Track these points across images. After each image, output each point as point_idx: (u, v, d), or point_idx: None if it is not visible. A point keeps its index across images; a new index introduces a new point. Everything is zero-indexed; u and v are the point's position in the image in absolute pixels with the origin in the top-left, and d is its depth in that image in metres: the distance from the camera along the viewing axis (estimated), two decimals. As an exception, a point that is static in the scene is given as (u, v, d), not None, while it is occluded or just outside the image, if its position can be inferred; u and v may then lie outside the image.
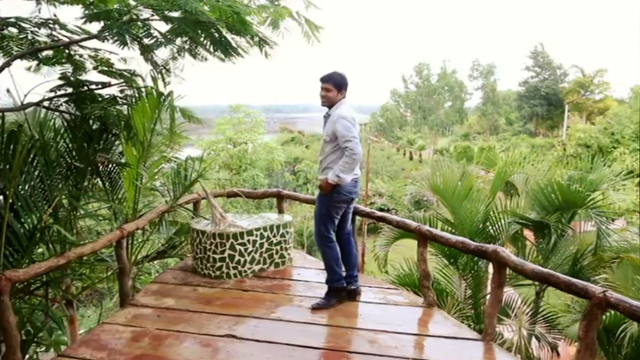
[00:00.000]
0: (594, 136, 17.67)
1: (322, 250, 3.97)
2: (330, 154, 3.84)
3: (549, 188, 5.55)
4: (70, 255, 3.29)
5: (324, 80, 3.82)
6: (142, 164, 4.48)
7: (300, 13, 5.11)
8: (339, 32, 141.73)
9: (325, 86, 3.81)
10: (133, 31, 4.00)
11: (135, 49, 4.11)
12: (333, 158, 3.81)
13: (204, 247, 4.61)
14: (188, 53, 4.76)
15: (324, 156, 3.88)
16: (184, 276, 4.70)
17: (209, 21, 3.99)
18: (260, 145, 22.10)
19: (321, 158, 3.92)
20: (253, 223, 4.82)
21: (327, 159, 3.86)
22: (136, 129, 4.36)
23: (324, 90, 3.82)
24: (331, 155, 3.83)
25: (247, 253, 4.61)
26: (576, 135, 18.68)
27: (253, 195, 6.27)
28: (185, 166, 5.04)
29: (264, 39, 4.47)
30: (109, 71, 4.43)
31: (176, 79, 4.89)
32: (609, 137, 17.89)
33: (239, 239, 4.56)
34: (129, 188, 4.48)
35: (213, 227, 4.67)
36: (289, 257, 4.95)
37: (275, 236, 4.80)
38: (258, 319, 3.69)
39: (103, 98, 4.42)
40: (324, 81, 3.82)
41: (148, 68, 4.38)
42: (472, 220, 6.15)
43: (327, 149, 3.85)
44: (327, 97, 3.82)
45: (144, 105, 4.27)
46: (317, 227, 3.97)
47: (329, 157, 3.84)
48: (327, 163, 3.86)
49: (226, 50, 4.47)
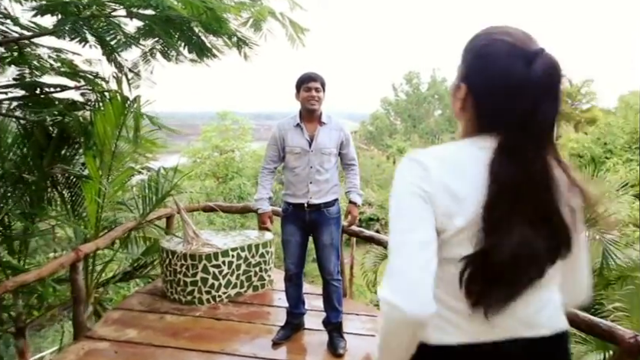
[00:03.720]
0: (587, 146, 17.46)
1: (339, 283, 3.29)
2: (333, 170, 3.18)
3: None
4: (7, 285, 2.81)
5: (316, 78, 3.06)
6: (106, 176, 4.03)
7: (285, 14, 4.73)
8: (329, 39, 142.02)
9: (318, 86, 3.06)
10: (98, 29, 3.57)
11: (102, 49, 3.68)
12: (335, 175, 3.22)
13: (174, 269, 4.14)
14: (160, 54, 4.34)
15: (330, 174, 3.15)
16: (151, 301, 4.22)
17: (180, 18, 3.57)
18: (248, 153, 21.66)
19: (327, 177, 3.14)
20: (230, 242, 4.37)
21: (333, 178, 3.19)
22: (99, 138, 3.90)
23: (317, 90, 3.06)
24: (334, 172, 3.20)
25: (222, 276, 4.15)
26: (569, 146, 18.47)
27: (232, 210, 5.74)
28: (156, 179, 4.59)
29: (243, 39, 4.07)
30: (68, 72, 3.98)
31: (147, 83, 4.47)
32: (602, 147, 17.70)
33: (213, 260, 4.10)
34: (91, 203, 4.01)
35: (185, 246, 4.21)
36: (270, 279, 4.50)
37: (254, 256, 4.36)
38: (230, 355, 3.23)
39: (61, 102, 3.96)
40: (316, 80, 3.06)
41: (117, 70, 3.92)
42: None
43: (329, 165, 3.14)
44: (320, 100, 3.09)
45: (108, 110, 3.82)
46: (336, 260, 3.25)
47: (334, 174, 3.20)
48: (334, 182, 3.20)
49: (200, 50, 4.06)
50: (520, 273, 0.96)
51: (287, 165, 3.23)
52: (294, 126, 3.15)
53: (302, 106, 3.12)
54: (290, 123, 3.17)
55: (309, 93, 3.05)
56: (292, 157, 3.15)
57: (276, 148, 3.23)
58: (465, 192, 0.95)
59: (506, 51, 0.97)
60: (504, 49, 0.97)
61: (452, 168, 0.98)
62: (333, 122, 3.17)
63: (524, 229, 0.93)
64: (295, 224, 3.21)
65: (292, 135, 3.15)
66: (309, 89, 3.06)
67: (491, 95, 0.99)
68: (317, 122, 3.14)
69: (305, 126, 3.14)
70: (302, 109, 3.14)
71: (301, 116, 3.15)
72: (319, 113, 3.13)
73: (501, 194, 0.93)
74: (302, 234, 3.24)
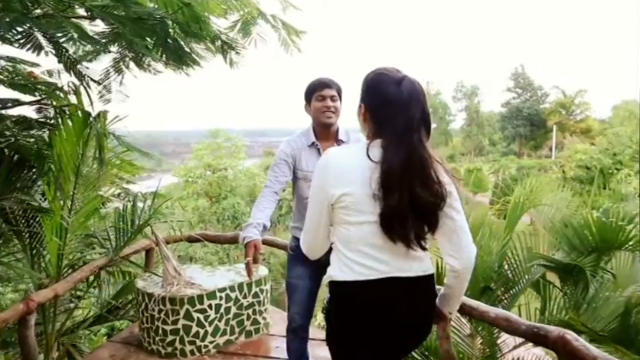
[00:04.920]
0: (596, 157, 16.85)
1: None
2: None
3: (583, 223, 4.57)
4: None
5: (331, 84, 2.44)
6: (68, 207, 3.39)
7: (277, 16, 4.17)
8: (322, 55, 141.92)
9: (334, 93, 2.45)
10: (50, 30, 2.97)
11: (57, 55, 3.08)
12: None
13: (152, 316, 3.48)
14: (133, 62, 3.74)
15: None
16: (125, 353, 3.55)
17: (152, 17, 2.98)
18: (241, 171, 21.00)
19: None
20: (218, 279, 3.72)
21: None
22: (58, 161, 3.27)
23: (334, 99, 2.45)
24: None
25: (208, 323, 3.49)
26: (577, 157, 17.86)
27: (220, 240, 5.00)
28: (132, 209, 3.95)
29: (228, 42, 3.48)
30: (23, 85, 3.35)
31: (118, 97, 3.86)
32: (611, 158, 17.10)
33: (197, 304, 3.44)
34: (50, 240, 3.36)
35: (164, 287, 3.56)
36: (265, 323, 3.84)
37: (246, 296, 3.70)
38: None
39: (14, 120, 3.33)
40: (331, 86, 2.44)
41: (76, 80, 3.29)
42: (485, 261, 5.14)
43: None
44: (338, 111, 2.49)
45: (67, 128, 3.20)
46: None
47: None
48: None
49: (178, 57, 3.46)
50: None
51: (298, 192, 2.57)
52: (308, 145, 2.51)
53: (315, 120, 2.49)
54: (303, 142, 2.53)
55: (323, 103, 2.42)
56: (305, 184, 2.48)
57: (287, 166, 2.51)
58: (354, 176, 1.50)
59: (385, 80, 1.54)
60: (383, 79, 1.55)
61: (346, 162, 1.54)
62: (352, 140, 2.53)
63: (409, 191, 1.44)
64: (305, 265, 2.50)
65: (306, 156, 2.50)
66: (323, 97, 2.42)
67: (378, 109, 1.54)
68: (333, 140, 2.51)
69: (321, 145, 2.49)
70: (314, 124, 2.51)
71: (315, 133, 2.51)
72: (336, 128, 2.50)
73: (390, 172, 1.43)
74: (314, 278, 2.55)
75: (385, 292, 1.52)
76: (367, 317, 1.54)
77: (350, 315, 1.56)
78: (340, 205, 1.50)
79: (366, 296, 1.53)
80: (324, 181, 1.53)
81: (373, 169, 1.45)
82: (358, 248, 1.52)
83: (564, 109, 49.41)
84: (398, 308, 1.54)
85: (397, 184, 1.42)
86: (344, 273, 1.53)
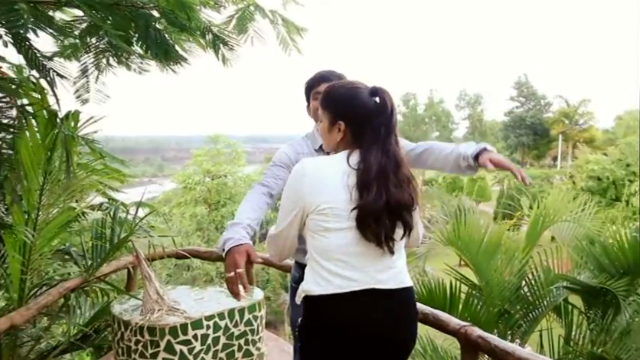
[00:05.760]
0: (609, 168, 16.29)
1: None
2: None
3: (612, 242, 4.14)
4: None
5: (330, 77, 2.07)
6: (33, 222, 2.95)
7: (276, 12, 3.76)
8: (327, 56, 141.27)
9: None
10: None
11: (15, 45, 2.65)
12: None
13: (128, 347, 3.02)
14: (113, 58, 3.32)
15: None
16: (97, 389, 3.10)
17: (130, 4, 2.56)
18: (241, 178, 20.54)
19: None
20: (206, 303, 3.27)
21: None
22: (23, 169, 2.84)
23: None
24: None
25: (193, 356, 3.03)
26: (588, 167, 17.30)
27: (212, 257, 4.41)
28: (111, 220, 3.51)
29: (220, 36, 3.05)
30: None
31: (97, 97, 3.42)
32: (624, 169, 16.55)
33: (180, 335, 2.98)
34: (13, 260, 2.92)
35: (143, 313, 3.11)
36: (259, 353, 3.37)
37: (237, 325, 3.24)
38: None
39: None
40: (332, 79, 2.02)
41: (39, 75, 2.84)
42: (503, 282, 4.71)
43: None
44: None
45: (32, 130, 2.77)
46: None
47: None
48: None
49: (164, 52, 3.04)
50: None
51: None
52: (315, 149, 2.10)
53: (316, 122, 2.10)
54: (308, 146, 2.12)
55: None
56: None
57: (287, 173, 1.92)
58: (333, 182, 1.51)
59: (359, 94, 1.57)
60: (358, 93, 1.58)
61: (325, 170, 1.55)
62: None
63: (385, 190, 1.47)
64: None
65: None
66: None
67: (360, 122, 1.55)
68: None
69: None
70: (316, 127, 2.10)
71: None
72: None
73: (367, 172, 1.47)
74: None
75: (364, 306, 1.49)
76: (347, 333, 1.50)
77: (328, 331, 1.50)
78: (318, 212, 1.49)
79: (344, 310, 1.49)
80: (300, 190, 1.52)
81: (350, 174, 1.49)
82: (337, 257, 1.50)
83: (567, 118, 49.15)
84: (379, 322, 1.51)
85: (374, 183, 1.46)
86: (321, 287, 1.49)
